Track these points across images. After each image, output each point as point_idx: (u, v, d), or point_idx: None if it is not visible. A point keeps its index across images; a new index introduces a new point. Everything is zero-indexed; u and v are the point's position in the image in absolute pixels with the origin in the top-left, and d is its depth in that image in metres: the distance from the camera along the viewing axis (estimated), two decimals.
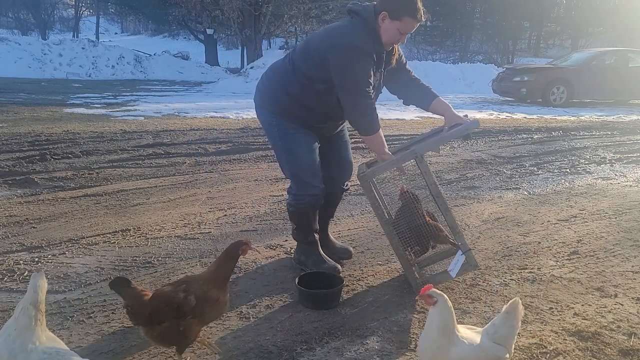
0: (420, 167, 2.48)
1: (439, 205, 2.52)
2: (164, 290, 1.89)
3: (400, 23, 2.45)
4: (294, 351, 2.08)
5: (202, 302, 1.84)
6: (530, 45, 33.36)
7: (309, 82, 2.56)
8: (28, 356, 1.49)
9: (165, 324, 1.80)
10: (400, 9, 2.44)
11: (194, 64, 21.37)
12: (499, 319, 1.77)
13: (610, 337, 2.24)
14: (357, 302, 2.54)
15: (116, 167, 5.09)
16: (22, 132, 6.52)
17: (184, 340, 1.86)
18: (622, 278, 2.89)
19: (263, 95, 2.74)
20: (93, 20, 41.93)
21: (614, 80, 13.03)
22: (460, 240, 2.52)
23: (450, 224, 2.52)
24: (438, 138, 2.59)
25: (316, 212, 2.83)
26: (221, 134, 7.22)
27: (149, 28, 46.41)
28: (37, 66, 16.81)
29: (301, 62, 2.58)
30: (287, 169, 2.74)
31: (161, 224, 3.54)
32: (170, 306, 1.81)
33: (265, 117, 2.74)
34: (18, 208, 3.73)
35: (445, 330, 1.72)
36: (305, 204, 2.73)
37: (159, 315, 1.80)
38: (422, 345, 1.78)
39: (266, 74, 2.77)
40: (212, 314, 1.93)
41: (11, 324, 1.57)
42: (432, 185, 2.50)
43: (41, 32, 32.77)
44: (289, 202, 2.80)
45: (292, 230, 2.91)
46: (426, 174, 2.48)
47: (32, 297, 1.58)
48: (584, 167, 5.83)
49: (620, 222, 3.88)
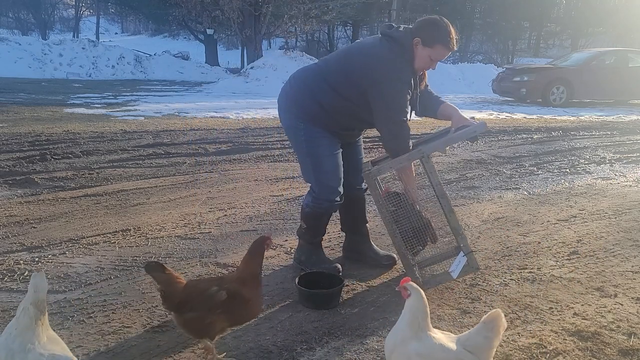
0: (426, 167, 2.49)
1: (443, 205, 2.53)
2: (197, 280, 1.96)
3: (432, 50, 2.50)
4: (294, 351, 2.08)
5: (233, 299, 1.87)
6: (530, 45, 33.37)
7: (344, 100, 2.59)
8: (25, 356, 1.50)
9: (191, 313, 1.84)
10: (434, 37, 2.49)
11: (194, 64, 21.36)
12: (475, 327, 1.72)
13: (610, 337, 2.24)
14: (357, 302, 2.54)
15: (116, 167, 5.09)
16: (23, 132, 6.52)
17: (207, 333, 1.90)
18: (622, 278, 2.89)
19: (290, 99, 2.74)
20: (93, 20, 41.93)
21: (613, 80, 13.03)
22: (463, 242, 2.52)
23: (453, 225, 2.52)
24: (445, 139, 2.59)
25: (330, 217, 2.86)
26: (221, 134, 7.22)
27: (149, 28, 46.42)
28: (38, 66, 16.80)
29: (337, 81, 2.60)
30: (311, 171, 2.74)
31: (161, 224, 3.54)
32: (201, 296, 1.85)
33: (290, 120, 2.74)
34: (18, 208, 3.74)
35: (413, 324, 1.69)
36: (323, 209, 2.75)
37: (190, 303, 1.84)
38: (388, 336, 1.76)
39: (295, 80, 2.77)
40: (243, 315, 1.95)
41: (13, 323, 1.57)
42: (437, 185, 2.50)
43: (41, 32, 32.76)
44: (306, 203, 2.80)
45: (300, 228, 2.90)
46: (432, 174, 2.49)
47: (33, 297, 1.58)
48: (583, 167, 5.83)
49: (620, 222, 3.89)
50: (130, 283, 2.63)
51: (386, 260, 2.97)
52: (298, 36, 33.05)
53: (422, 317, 1.71)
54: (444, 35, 2.49)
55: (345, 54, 2.70)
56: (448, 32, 2.49)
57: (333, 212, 2.85)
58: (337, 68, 2.63)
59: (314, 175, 2.72)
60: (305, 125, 2.67)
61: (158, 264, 1.92)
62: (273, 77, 16.11)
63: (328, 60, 2.75)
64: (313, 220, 2.81)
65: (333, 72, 2.63)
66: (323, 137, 2.67)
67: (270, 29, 20.57)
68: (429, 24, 2.53)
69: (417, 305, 1.71)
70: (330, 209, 2.77)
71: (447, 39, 2.50)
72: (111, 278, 2.68)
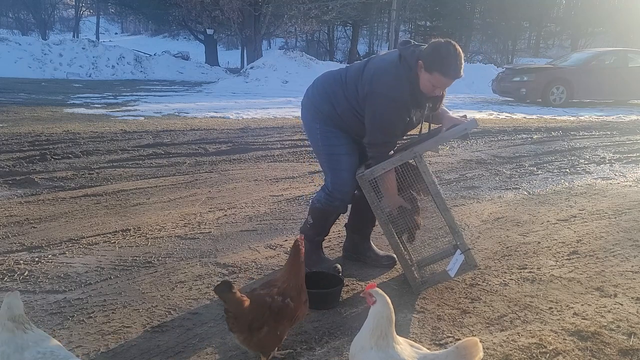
0: (419, 167, 2.49)
1: (437, 204, 2.53)
2: (260, 295, 1.87)
3: (431, 76, 2.40)
4: (294, 351, 2.08)
5: (297, 305, 1.88)
6: (530, 45, 33.40)
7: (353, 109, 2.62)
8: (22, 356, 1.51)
9: (264, 329, 1.81)
10: (434, 63, 2.36)
11: (194, 64, 21.37)
12: (446, 351, 1.61)
13: (610, 337, 2.25)
14: (357, 302, 2.54)
15: (116, 167, 5.09)
16: (23, 132, 6.52)
17: (276, 344, 1.90)
18: (622, 278, 2.90)
19: (310, 101, 2.80)
20: (93, 20, 41.96)
21: (613, 80, 13.03)
22: (459, 240, 2.52)
23: (449, 223, 2.52)
24: (437, 138, 2.59)
25: (337, 217, 2.90)
26: (221, 134, 7.22)
27: (149, 28, 46.44)
28: (37, 66, 16.80)
29: (349, 89, 2.62)
30: (327, 170, 2.79)
31: (161, 223, 3.55)
32: (271, 311, 1.82)
33: (308, 121, 2.81)
34: (18, 208, 3.74)
35: (375, 332, 1.61)
36: (333, 207, 2.79)
37: (260, 321, 1.80)
38: (353, 342, 1.70)
39: (318, 82, 2.81)
40: (300, 317, 1.97)
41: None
42: (431, 184, 2.51)
43: (41, 32, 32.75)
44: (318, 198, 2.83)
45: (305, 224, 2.93)
46: (425, 173, 2.50)
47: (8, 314, 1.60)
48: (583, 167, 5.84)
49: (620, 222, 3.89)
50: (130, 283, 2.63)
51: (386, 261, 2.98)
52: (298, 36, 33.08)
53: (386, 325, 1.62)
54: (443, 63, 2.35)
55: (365, 64, 2.67)
56: (448, 60, 2.35)
57: (342, 213, 2.88)
58: (353, 77, 2.64)
59: (330, 173, 2.77)
60: (320, 125, 2.73)
61: (226, 283, 1.76)
62: (273, 77, 16.13)
63: (350, 68, 2.75)
64: (320, 216, 2.85)
65: (350, 80, 2.64)
66: (339, 137, 2.72)
67: (270, 29, 20.60)
68: (433, 49, 2.39)
69: (381, 312, 1.63)
70: (341, 208, 2.81)
71: (446, 68, 2.35)
72: (111, 278, 2.68)
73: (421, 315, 2.40)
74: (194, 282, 2.67)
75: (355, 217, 3.04)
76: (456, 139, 2.76)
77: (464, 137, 2.62)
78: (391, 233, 2.58)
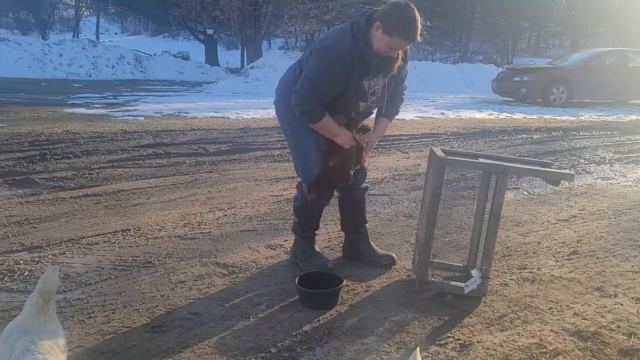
0: (498, 184, 2.45)
1: (490, 225, 2.50)
2: None
3: (390, 39, 2.35)
4: (294, 351, 2.08)
5: None
6: (530, 45, 33.41)
7: None
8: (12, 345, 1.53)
9: None
10: (393, 26, 2.31)
11: (194, 64, 21.37)
12: None
13: (610, 337, 2.24)
14: (357, 302, 2.54)
15: (116, 167, 5.09)
16: (23, 132, 6.52)
17: None
18: (622, 278, 2.89)
19: (278, 94, 2.80)
20: (93, 20, 41.98)
21: (613, 80, 13.03)
22: (487, 266, 2.51)
23: (488, 246, 2.50)
24: (531, 170, 2.56)
25: (321, 211, 2.91)
26: (221, 134, 7.22)
27: (149, 28, 46.44)
28: (37, 66, 16.80)
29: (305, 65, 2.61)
30: (298, 165, 2.80)
31: (161, 223, 3.54)
32: None
33: (278, 114, 2.82)
34: (18, 208, 3.74)
35: None
36: (311, 202, 2.79)
37: None
38: None
39: (284, 75, 2.81)
40: None
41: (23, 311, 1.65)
42: (497, 204, 2.45)
43: (41, 32, 32.76)
44: (296, 196, 2.86)
45: (294, 223, 2.97)
46: (500, 192, 2.45)
47: (40, 286, 1.62)
48: (583, 167, 5.84)
49: (620, 222, 3.89)
50: (130, 283, 2.63)
51: (385, 260, 2.97)
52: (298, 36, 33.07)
53: None
54: (404, 27, 2.30)
55: None
56: (409, 24, 2.30)
57: (324, 206, 2.88)
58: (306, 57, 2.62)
59: (301, 168, 2.77)
60: (289, 119, 2.70)
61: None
62: (273, 77, 16.10)
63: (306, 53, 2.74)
64: (302, 212, 2.86)
65: (304, 63, 2.61)
66: (308, 131, 2.64)
67: (270, 29, 20.61)
68: (391, 10, 2.34)
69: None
70: (318, 202, 2.81)
71: (407, 32, 2.31)
72: (111, 278, 2.68)
73: (422, 315, 2.39)
74: (194, 282, 2.67)
75: (346, 217, 3.04)
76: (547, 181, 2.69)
77: (554, 183, 2.61)
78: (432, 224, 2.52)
